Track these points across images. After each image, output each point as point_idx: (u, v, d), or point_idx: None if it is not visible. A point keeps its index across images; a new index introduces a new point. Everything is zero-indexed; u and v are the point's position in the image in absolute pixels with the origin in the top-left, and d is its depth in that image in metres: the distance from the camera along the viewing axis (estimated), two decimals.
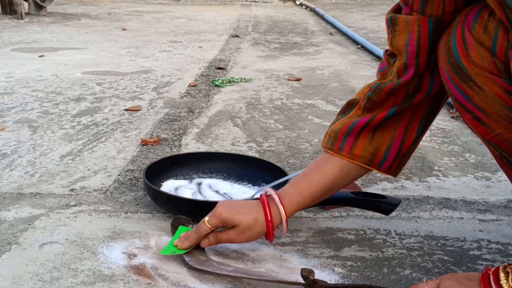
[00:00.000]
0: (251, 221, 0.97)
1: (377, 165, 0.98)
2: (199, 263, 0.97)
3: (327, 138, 1.00)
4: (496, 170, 1.53)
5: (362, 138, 0.97)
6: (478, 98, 0.78)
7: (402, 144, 0.97)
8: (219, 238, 1.00)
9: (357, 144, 0.97)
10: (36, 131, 1.81)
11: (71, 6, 6.82)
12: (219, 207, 0.99)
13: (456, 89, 0.81)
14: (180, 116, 2.03)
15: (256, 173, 1.38)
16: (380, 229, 1.17)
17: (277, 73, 2.94)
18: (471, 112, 0.81)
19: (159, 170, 1.34)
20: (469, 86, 0.78)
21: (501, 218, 1.23)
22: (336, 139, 0.98)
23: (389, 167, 0.99)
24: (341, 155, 0.98)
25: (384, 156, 0.97)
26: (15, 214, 1.20)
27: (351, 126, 0.97)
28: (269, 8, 7.67)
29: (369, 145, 0.96)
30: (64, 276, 0.95)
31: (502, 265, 0.77)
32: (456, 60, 0.79)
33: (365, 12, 6.99)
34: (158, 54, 3.51)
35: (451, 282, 0.80)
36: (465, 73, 0.78)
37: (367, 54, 3.67)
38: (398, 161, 0.99)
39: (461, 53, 0.78)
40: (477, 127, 0.82)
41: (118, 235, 1.11)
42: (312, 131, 1.88)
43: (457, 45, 0.79)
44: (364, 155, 0.97)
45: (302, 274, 0.89)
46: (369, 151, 0.97)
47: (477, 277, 0.80)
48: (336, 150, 0.98)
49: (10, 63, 3.05)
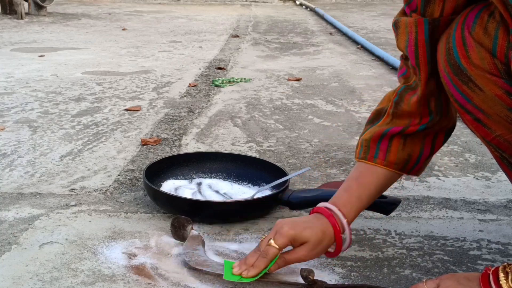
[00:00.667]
0: (320, 235, 0.91)
1: (408, 170, 0.98)
2: (198, 264, 0.97)
3: (359, 149, 0.99)
4: (496, 170, 1.53)
5: (394, 145, 0.96)
6: (479, 99, 0.78)
7: (432, 149, 0.98)
8: (288, 259, 0.92)
9: (390, 151, 0.96)
10: (36, 131, 1.81)
11: (71, 6, 6.82)
12: (284, 225, 0.91)
13: (456, 91, 0.81)
14: (180, 116, 2.03)
15: (256, 173, 1.38)
16: (380, 229, 1.17)
17: (277, 73, 2.94)
18: (471, 114, 0.81)
19: (159, 170, 1.34)
20: (469, 88, 0.78)
21: (501, 218, 1.23)
22: (369, 148, 0.98)
23: (419, 170, 1.00)
24: (376, 162, 0.97)
25: (416, 161, 0.98)
26: (15, 214, 1.20)
27: (383, 133, 0.96)
28: (269, 8, 7.67)
29: (402, 151, 0.96)
30: (64, 276, 0.95)
31: (502, 265, 0.77)
32: (456, 62, 0.79)
33: (365, 12, 6.99)
34: (158, 54, 3.51)
35: (450, 282, 0.80)
36: (465, 75, 0.78)
37: (367, 54, 3.67)
38: (426, 164, 1.01)
39: (461, 54, 0.78)
40: (477, 128, 0.82)
41: (118, 235, 1.11)
42: (312, 131, 1.88)
43: (457, 46, 0.78)
44: (398, 162, 0.96)
45: (302, 274, 0.89)
46: (402, 158, 0.96)
47: (477, 277, 0.80)
48: (370, 158, 0.97)
49: (10, 63, 3.05)
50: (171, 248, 1.06)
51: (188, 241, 1.04)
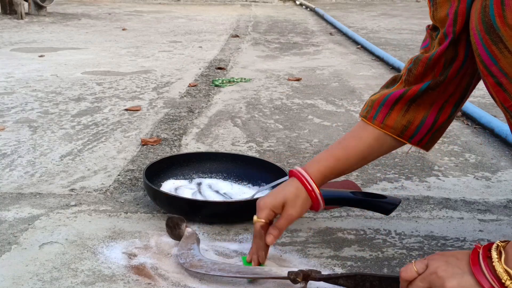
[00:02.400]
0: (294, 191, 0.97)
1: (407, 138, 0.98)
2: (193, 265, 0.97)
3: (365, 107, 1.02)
4: (496, 170, 1.53)
5: (396, 110, 0.97)
6: (505, 62, 0.76)
7: (435, 120, 0.97)
8: (280, 225, 0.98)
9: (390, 115, 0.97)
10: (36, 131, 1.81)
11: (71, 6, 6.82)
12: (261, 199, 0.99)
13: (484, 51, 0.79)
14: (180, 116, 2.03)
15: (256, 173, 1.38)
16: (380, 229, 1.17)
17: (277, 73, 2.94)
18: (494, 77, 0.79)
19: (159, 170, 1.34)
20: (498, 48, 0.77)
21: (501, 218, 1.23)
22: (372, 108, 1.00)
23: (420, 140, 0.99)
24: (374, 123, 0.99)
25: (416, 129, 0.97)
26: (15, 214, 1.20)
27: (386, 97, 0.98)
28: (269, 8, 7.67)
29: (402, 117, 0.97)
30: (64, 276, 0.95)
31: (495, 244, 0.75)
32: (490, 20, 0.77)
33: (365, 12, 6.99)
34: (158, 54, 3.51)
35: (439, 262, 0.78)
36: (497, 34, 0.76)
37: (367, 54, 3.67)
38: (430, 135, 0.99)
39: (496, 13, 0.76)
40: (497, 93, 0.81)
41: (118, 235, 1.11)
42: (312, 131, 1.88)
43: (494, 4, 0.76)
44: (395, 126, 0.97)
45: (290, 277, 0.90)
46: (401, 123, 0.97)
47: (466, 255, 0.78)
48: (370, 119, 0.99)
49: (10, 63, 3.05)
50: (171, 248, 1.06)
51: (182, 240, 1.04)
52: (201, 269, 0.96)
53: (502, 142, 1.76)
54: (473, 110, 2.02)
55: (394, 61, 3.15)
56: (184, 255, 1.00)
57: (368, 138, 1.00)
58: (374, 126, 0.99)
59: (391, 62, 3.20)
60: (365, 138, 1.00)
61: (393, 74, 2.98)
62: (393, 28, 5.27)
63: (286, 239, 1.11)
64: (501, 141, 1.77)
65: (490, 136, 1.84)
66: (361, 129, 1.01)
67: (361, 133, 1.01)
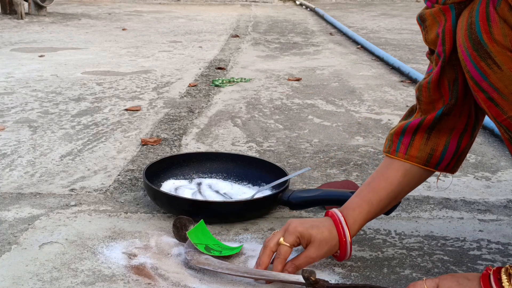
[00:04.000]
0: (327, 234, 0.95)
1: (434, 165, 0.97)
2: (200, 262, 0.97)
3: (386, 143, 1.00)
4: (496, 170, 1.53)
5: (417, 139, 0.96)
6: (495, 78, 0.77)
7: (458, 144, 0.96)
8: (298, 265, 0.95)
9: (413, 144, 0.96)
10: (36, 131, 1.81)
11: (71, 6, 6.82)
12: (292, 223, 0.96)
13: (473, 67, 0.79)
14: (180, 116, 2.03)
15: (256, 173, 1.38)
16: (380, 229, 1.17)
17: (277, 73, 2.94)
18: (485, 92, 0.79)
19: (159, 170, 1.34)
20: (487, 64, 0.77)
21: (501, 218, 1.23)
22: (392, 142, 0.98)
23: (447, 166, 0.98)
24: (398, 156, 0.97)
25: (441, 156, 0.96)
26: (15, 214, 1.20)
27: (405, 127, 0.97)
28: (269, 8, 7.67)
29: (425, 145, 0.96)
30: (64, 276, 0.95)
31: (504, 267, 0.77)
32: (477, 36, 0.77)
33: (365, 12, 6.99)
34: (158, 54, 3.51)
35: (450, 282, 0.80)
36: (485, 50, 0.76)
37: (367, 54, 3.67)
38: (456, 159, 0.98)
39: (483, 29, 0.76)
40: (490, 108, 0.81)
41: (118, 235, 1.11)
42: (312, 131, 1.88)
43: (480, 21, 0.77)
44: (420, 155, 0.96)
45: (304, 275, 0.89)
46: (425, 152, 0.96)
47: (477, 277, 0.79)
48: (393, 152, 0.98)
49: (10, 63, 3.05)
50: (171, 248, 1.06)
51: (189, 240, 1.04)
52: (209, 266, 0.96)
53: (502, 142, 1.76)
54: None
55: (394, 61, 3.15)
56: (191, 253, 1.00)
57: (396, 176, 0.97)
58: (398, 159, 0.97)
59: (391, 62, 3.20)
60: (392, 176, 0.98)
61: (393, 74, 2.99)
62: (393, 28, 5.27)
63: None
64: (501, 141, 1.77)
65: (490, 136, 1.84)
66: (386, 168, 0.99)
67: (387, 172, 0.98)
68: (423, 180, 1.01)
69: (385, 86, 2.66)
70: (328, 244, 0.95)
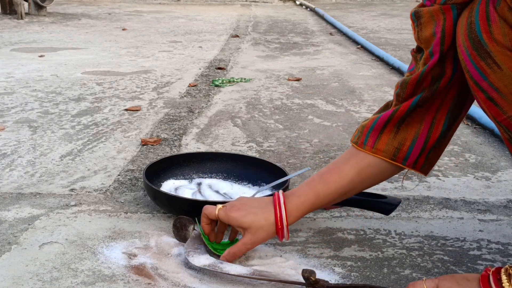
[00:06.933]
0: (263, 222, 0.97)
1: (401, 160, 0.96)
2: (200, 263, 0.97)
3: (356, 133, 1.00)
4: (496, 170, 1.53)
5: (386, 133, 0.96)
6: (495, 77, 0.77)
7: (427, 138, 0.94)
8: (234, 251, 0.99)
9: (380, 138, 0.96)
10: (36, 131, 1.81)
11: (71, 6, 6.83)
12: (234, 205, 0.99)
13: (473, 66, 0.79)
14: (180, 116, 2.03)
15: (256, 173, 1.38)
16: (380, 229, 1.17)
17: (277, 73, 2.94)
18: (485, 92, 0.79)
19: (159, 170, 1.34)
20: (487, 64, 0.77)
21: (501, 218, 1.23)
22: (362, 133, 0.98)
23: (415, 162, 0.96)
24: (365, 149, 0.97)
25: (409, 150, 0.95)
26: (15, 214, 1.20)
27: (375, 120, 0.96)
28: (269, 8, 7.68)
29: (393, 139, 0.95)
30: (64, 276, 0.95)
31: (504, 268, 0.77)
32: (477, 36, 0.77)
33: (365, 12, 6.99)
34: (158, 54, 3.51)
35: (449, 283, 0.80)
36: (484, 50, 0.76)
37: (367, 54, 3.67)
38: (424, 157, 0.96)
39: (483, 29, 0.76)
40: (489, 108, 0.81)
41: (118, 235, 1.11)
42: (312, 131, 1.88)
43: (480, 20, 0.77)
44: (387, 149, 0.95)
45: (304, 275, 0.89)
46: (392, 146, 0.95)
47: (476, 278, 0.79)
48: (361, 144, 0.98)
49: (10, 63, 3.05)
50: (171, 248, 1.06)
51: (189, 240, 1.04)
52: (209, 266, 0.96)
53: (502, 142, 1.76)
54: (473, 110, 2.02)
55: (394, 61, 3.15)
56: (191, 253, 1.00)
57: (350, 172, 0.97)
58: (365, 152, 0.97)
59: (391, 62, 3.20)
60: (346, 172, 0.98)
61: (393, 74, 2.99)
62: (393, 28, 5.27)
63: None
64: (501, 141, 1.77)
65: (490, 136, 1.84)
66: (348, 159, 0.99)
67: (344, 166, 0.99)
68: (388, 176, 1.00)
69: (385, 86, 2.66)
70: (265, 232, 0.97)
